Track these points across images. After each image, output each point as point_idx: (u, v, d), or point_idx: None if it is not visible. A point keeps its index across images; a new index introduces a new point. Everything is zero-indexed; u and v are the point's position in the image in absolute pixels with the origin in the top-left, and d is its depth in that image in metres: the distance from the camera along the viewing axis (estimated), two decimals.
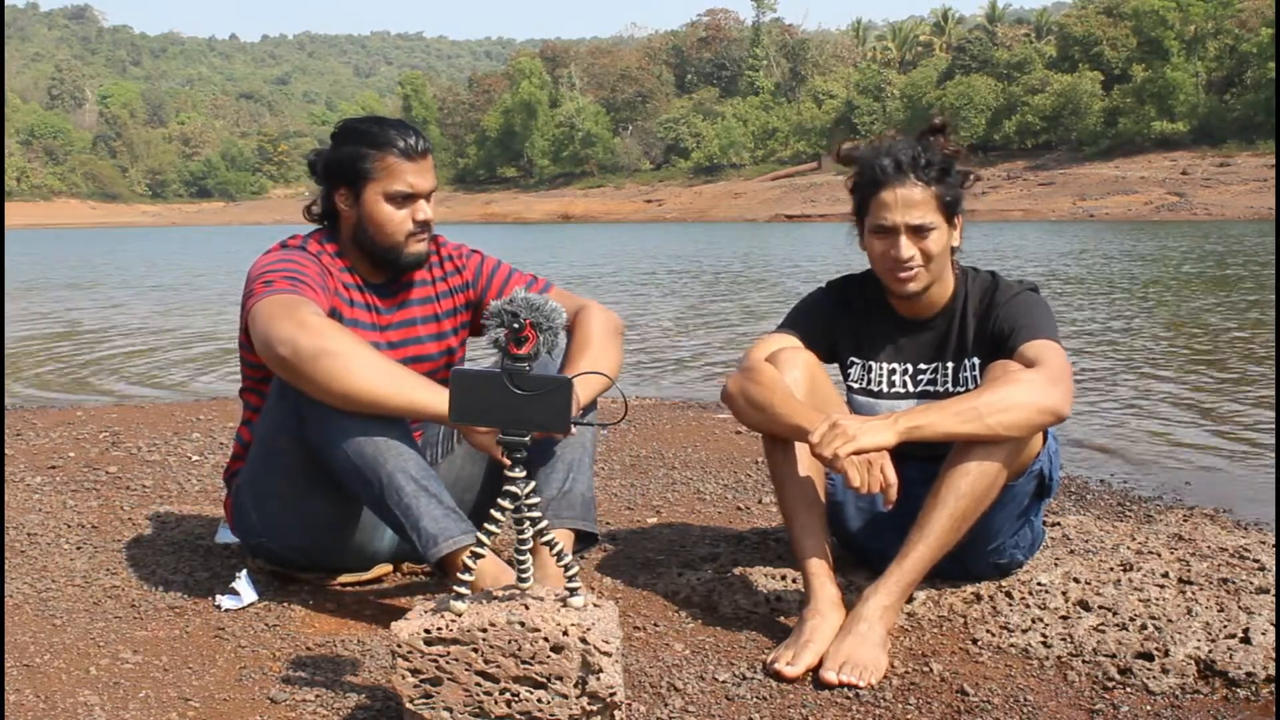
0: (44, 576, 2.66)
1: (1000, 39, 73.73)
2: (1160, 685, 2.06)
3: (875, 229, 2.33)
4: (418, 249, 2.50)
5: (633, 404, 5.41)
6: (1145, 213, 44.90)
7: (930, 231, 2.29)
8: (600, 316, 2.54)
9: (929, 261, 2.31)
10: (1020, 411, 2.14)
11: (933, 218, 2.29)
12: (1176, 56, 58.37)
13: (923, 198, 2.28)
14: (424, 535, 2.22)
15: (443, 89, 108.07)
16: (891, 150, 2.31)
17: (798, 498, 2.32)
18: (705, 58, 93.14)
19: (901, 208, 2.28)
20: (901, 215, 2.28)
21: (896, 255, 2.30)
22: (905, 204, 2.28)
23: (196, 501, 3.44)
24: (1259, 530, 3.12)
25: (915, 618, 2.37)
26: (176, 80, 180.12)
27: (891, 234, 2.31)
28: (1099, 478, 4.02)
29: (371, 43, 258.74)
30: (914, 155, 2.29)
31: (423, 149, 2.45)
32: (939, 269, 2.35)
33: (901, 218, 2.28)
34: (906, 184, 2.28)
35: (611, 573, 2.72)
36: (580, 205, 72.23)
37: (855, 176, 2.37)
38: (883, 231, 2.32)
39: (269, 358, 2.25)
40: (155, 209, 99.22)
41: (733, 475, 3.81)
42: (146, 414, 5.13)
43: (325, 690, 2.03)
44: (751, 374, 2.33)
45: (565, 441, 2.42)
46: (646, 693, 2.04)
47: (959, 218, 2.35)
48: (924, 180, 2.28)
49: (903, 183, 2.28)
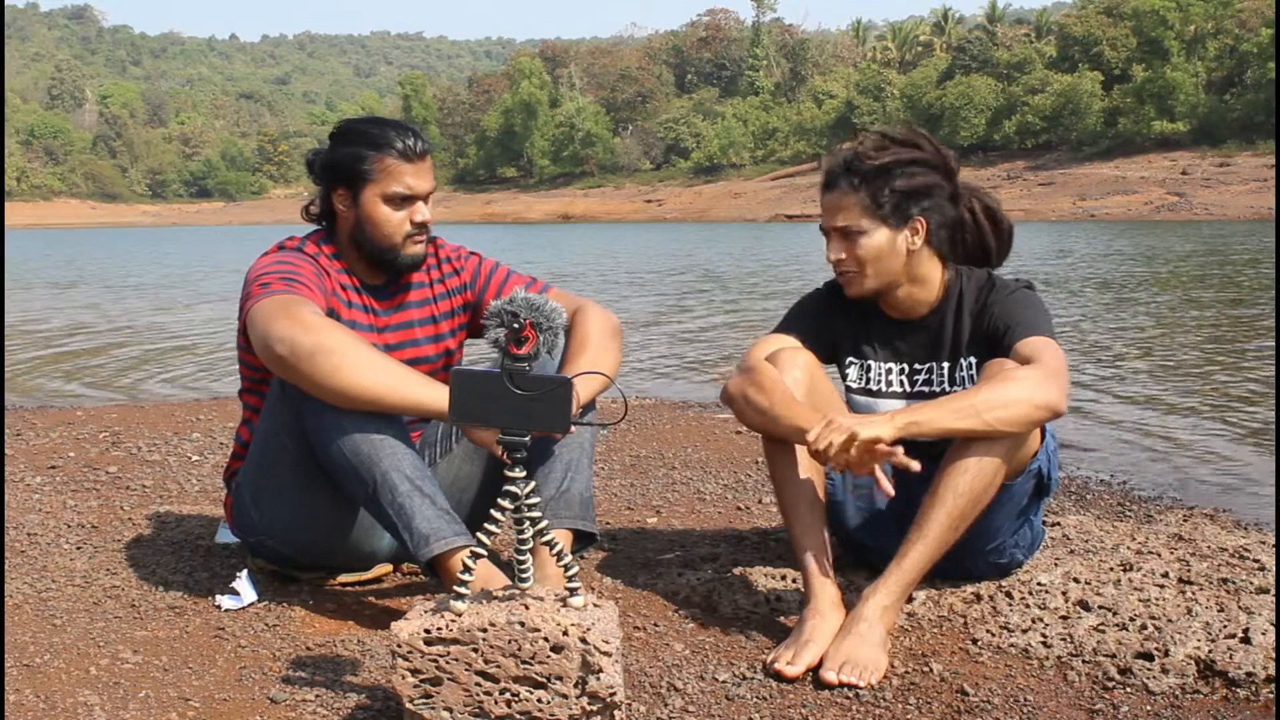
0: (44, 576, 2.66)
1: (1000, 39, 73.73)
2: (1160, 685, 2.06)
3: (821, 231, 2.40)
4: (415, 250, 2.49)
5: (633, 404, 5.41)
6: (1145, 213, 44.91)
7: (858, 235, 2.32)
8: (598, 316, 2.54)
9: (863, 265, 2.34)
10: (1017, 407, 2.14)
11: (861, 222, 2.31)
12: (1176, 56, 58.38)
13: (847, 202, 2.32)
14: (416, 535, 2.22)
15: (443, 89, 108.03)
16: (837, 156, 2.37)
17: (798, 498, 2.32)
18: (705, 58, 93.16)
19: (829, 211, 2.35)
20: (829, 218, 2.36)
21: (828, 256, 2.38)
22: (832, 208, 2.35)
23: (196, 501, 3.44)
24: (1259, 530, 3.12)
25: (915, 618, 2.37)
26: (176, 80, 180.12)
27: (826, 236, 2.38)
28: (1099, 478, 4.02)
29: (371, 43, 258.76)
30: (847, 160, 2.33)
31: (421, 150, 2.44)
32: (882, 273, 2.35)
33: (829, 221, 2.36)
34: (837, 189, 2.33)
35: (611, 573, 2.72)
36: (580, 205, 72.24)
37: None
38: (823, 234, 2.39)
39: (267, 357, 2.25)
40: (155, 209, 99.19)
41: (733, 475, 3.82)
42: (146, 414, 5.13)
43: (325, 690, 2.03)
44: (751, 374, 2.33)
45: (563, 441, 2.42)
46: (646, 693, 2.04)
47: (918, 221, 2.33)
48: (850, 185, 2.31)
49: (834, 187, 2.34)
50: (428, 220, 2.48)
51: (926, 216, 2.34)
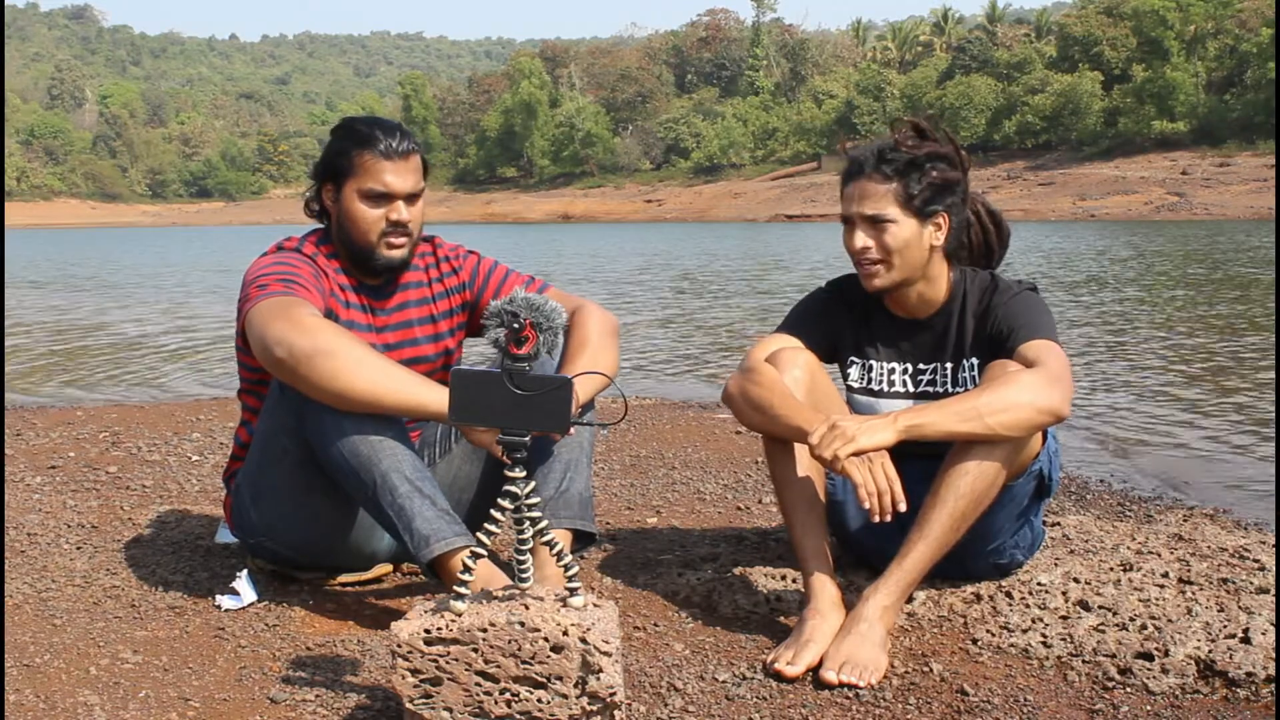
0: (44, 576, 2.66)
1: (1000, 39, 73.76)
2: (1160, 685, 2.06)
3: (842, 220, 2.38)
4: (392, 253, 2.46)
5: (633, 404, 5.41)
6: (1145, 213, 44.90)
7: (887, 224, 2.30)
8: (598, 316, 2.54)
9: (889, 255, 2.32)
10: (1020, 412, 2.14)
11: (890, 210, 2.29)
12: (1176, 56, 58.38)
13: (879, 190, 2.30)
14: (416, 536, 2.22)
15: (443, 89, 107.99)
16: (867, 147, 2.34)
17: (798, 498, 2.32)
18: (705, 58, 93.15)
19: (858, 199, 2.32)
20: (856, 205, 2.32)
21: (852, 245, 2.34)
22: (861, 195, 2.31)
23: (196, 501, 3.44)
24: (1259, 530, 3.12)
25: (915, 618, 2.37)
26: (176, 80, 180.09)
27: (850, 225, 2.35)
28: (1099, 478, 4.02)
29: (371, 43, 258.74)
30: (880, 149, 2.31)
31: (404, 150, 2.42)
32: (907, 266, 2.34)
33: (856, 208, 2.32)
34: (868, 177, 2.31)
35: (611, 573, 2.72)
36: (580, 205, 72.23)
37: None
38: (845, 223, 2.37)
39: (266, 359, 2.25)
40: (155, 209, 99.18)
41: (733, 475, 3.81)
42: (146, 414, 5.13)
43: (325, 690, 2.03)
44: (752, 375, 2.33)
45: (563, 441, 2.42)
46: (646, 693, 2.04)
47: (942, 216, 2.34)
48: (883, 174, 2.29)
49: (865, 176, 2.32)
50: (404, 220, 2.44)
51: (950, 213, 2.34)
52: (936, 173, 2.30)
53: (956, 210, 2.35)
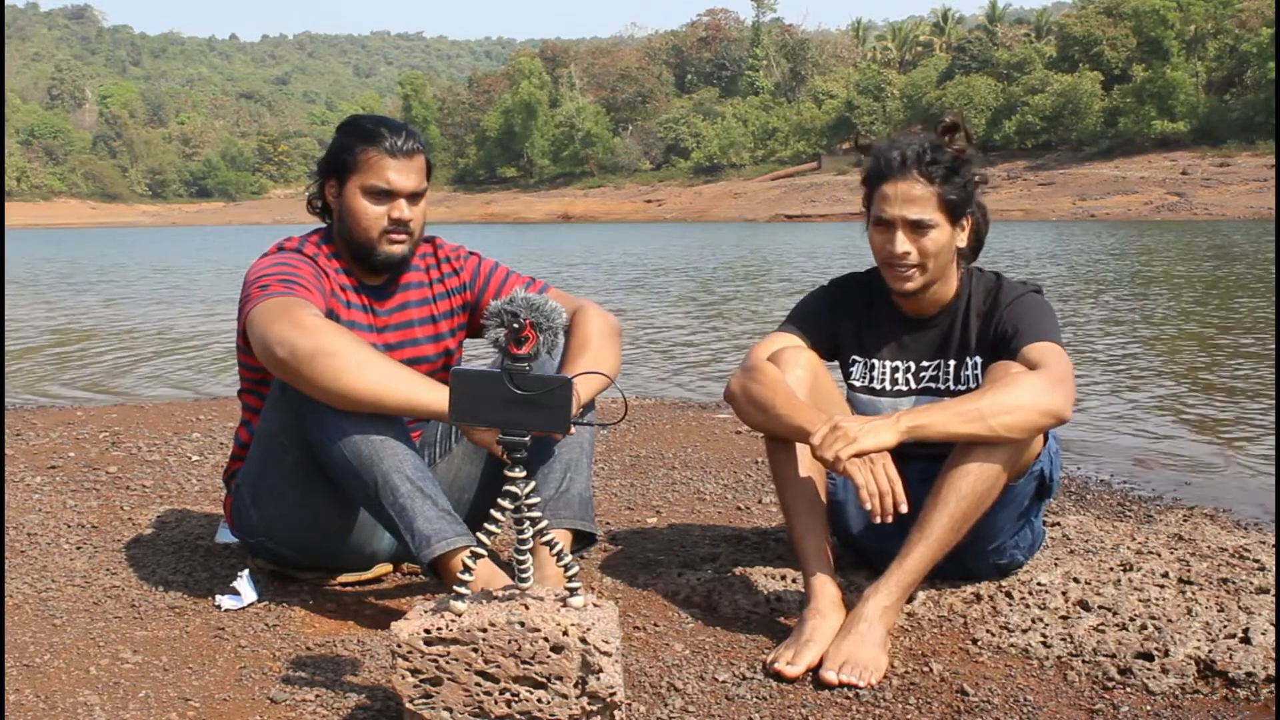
0: (44, 576, 2.66)
1: (1000, 39, 73.75)
2: (1160, 685, 2.06)
3: (875, 221, 2.33)
4: (393, 250, 2.46)
5: (633, 404, 5.41)
6: (1145, 213, 44.91)
7: (929, 229, 2.28)
8: (598, 317, 2.54)
9: (926, 259, 2.30)
10: (1022, 413, 2.14)
11: (932, 215, 2.28)
12: (1176, 56, 58.39)
13: (923, 194, 2.27)
14: (418, 536, 2.22)
15: (443, 89, 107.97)
16: (902, 144, 2.30)
17: (799, 498, 2.32)
18: (705, 58, 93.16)
19: (901, 202, 2.28)
20: (900, 209, 2.28)
21: (892, 249, 2.30)
22: (905, 199, 2.28)
23: (196, 501, 3.44)
24: (1259, 530, 3.12)
25: (915, 618, 2.37)
26: (176, 80, 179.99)
27: (890, 228, 2.31)
28: (1099, 478, 4.02)
29: (371, 43, 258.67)
30: (920, 151, 2.28)
31: (408, 149, 2.43)
32: (938, 269, 2.34)
33: (899, 211, 2.28)
34: (909, 179, 2.27)
35: (611, 573, 2.72)
36: (580, 205, 72.22)
37: (866, 168, 2.37)
38: (881, 224, 2.32)
39: (267, 360, 2.25)
40: (155, 209, 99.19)
41: (733, 475, 3.81)
42: (146, 414, 5.13)
43: (325, 690, 2.03)
44: (753, 374, 2.33)
45: (563, 441, 2.42)
46: (646, 693, 2.04)
47: (967, 219, 2.34)
48: (927, 177, 2.27)
49: (905, 177, 2.27)
50: (406, 218, 2.44)
51: (973, 215, 2.34)
52: (972, 176, 2.30)
53: (979, 211, 2.36)
